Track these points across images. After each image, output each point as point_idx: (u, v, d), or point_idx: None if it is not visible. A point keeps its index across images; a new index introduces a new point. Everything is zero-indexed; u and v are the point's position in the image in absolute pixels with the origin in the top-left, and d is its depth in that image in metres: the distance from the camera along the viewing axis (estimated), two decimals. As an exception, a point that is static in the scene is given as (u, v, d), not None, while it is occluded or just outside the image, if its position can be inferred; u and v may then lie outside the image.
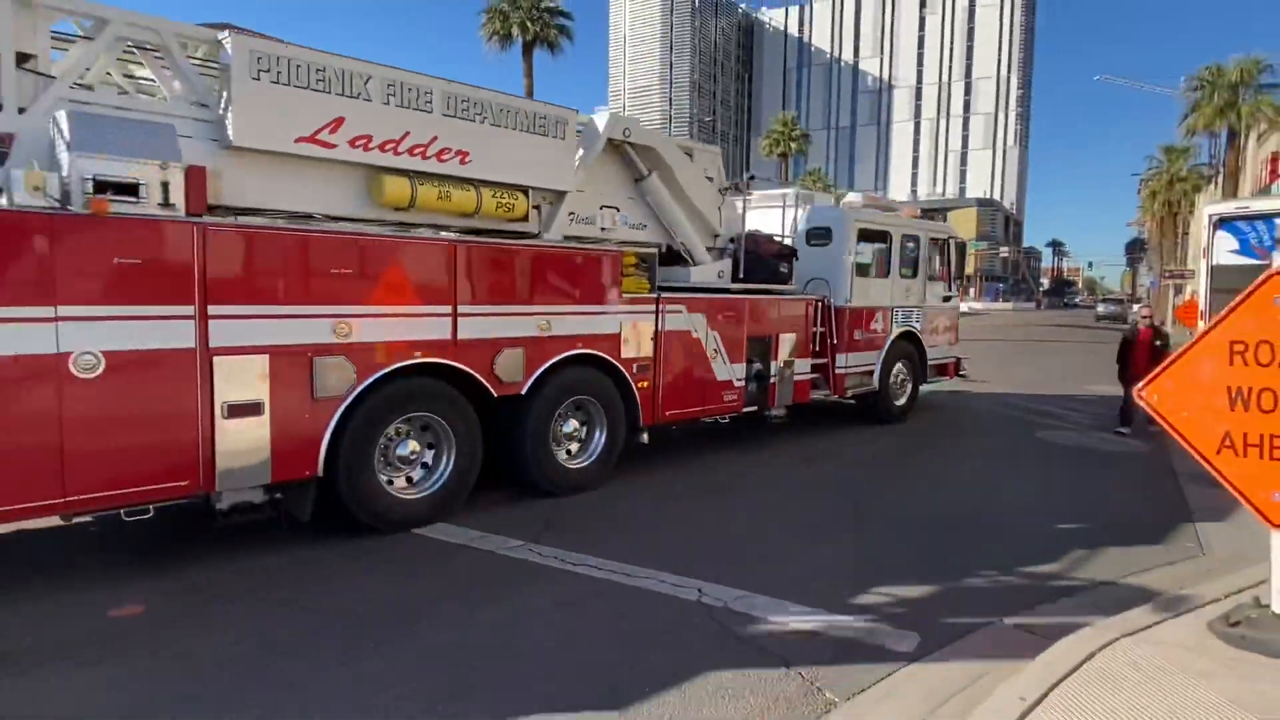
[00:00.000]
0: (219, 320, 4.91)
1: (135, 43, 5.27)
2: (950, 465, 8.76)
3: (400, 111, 5.81)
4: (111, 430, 4.57)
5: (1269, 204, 11.21)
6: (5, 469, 4.25)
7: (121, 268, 4.54)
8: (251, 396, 5.04)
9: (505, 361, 6.39)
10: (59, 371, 4.35)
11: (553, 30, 37.04)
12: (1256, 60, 30.24)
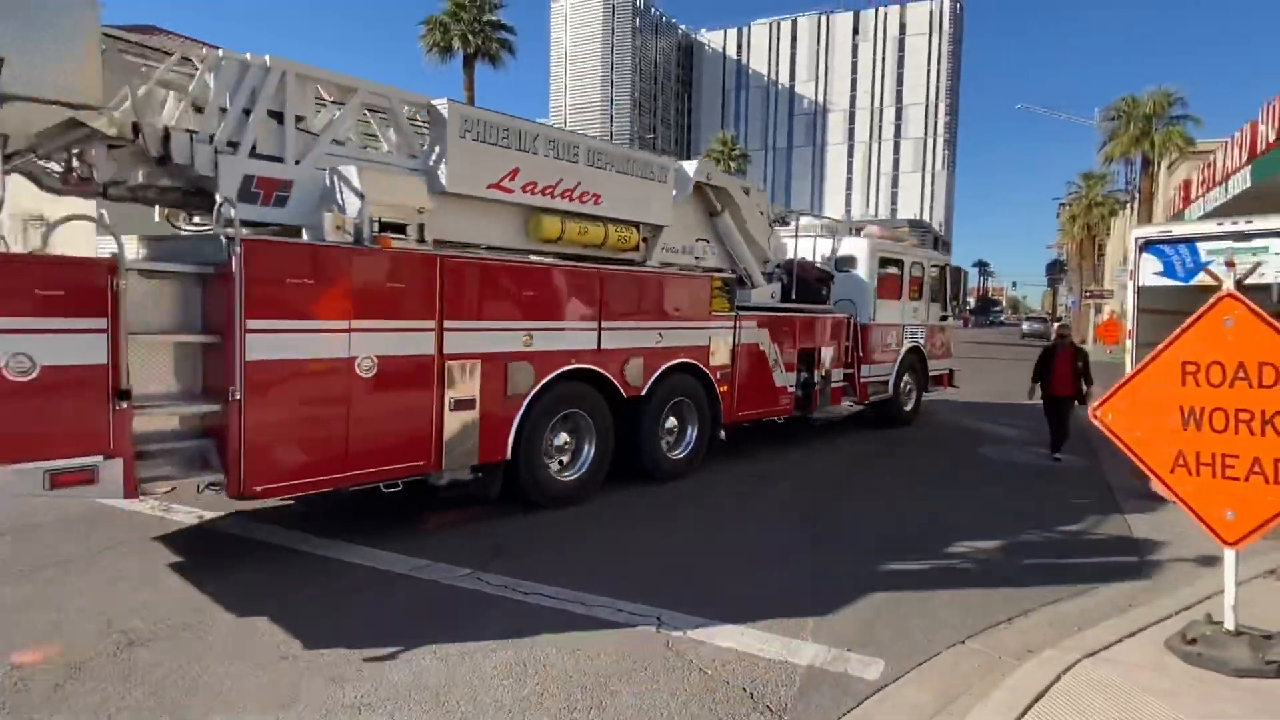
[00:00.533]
0: (450, 332, 6.09)
1: (369, 106, 6.46)
2: (898, 482, 8.79)
3: (556, 163, 7.11)
4: (379, 420, 5.70)
5: (1191, 229, 11.69)
6: (311, 449, 5.36)
7: (390, 290, 5.71)
8: (468, 394, 6.24)
9: (632, 368, 7.68)
10: (349, 372, 5.49)
11: (495, 44, 36.70)
12: (1168, 93, 32.12)
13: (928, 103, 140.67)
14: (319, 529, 6.26)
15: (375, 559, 5.62)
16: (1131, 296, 12.68)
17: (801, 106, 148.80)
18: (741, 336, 9.08)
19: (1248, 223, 11.18)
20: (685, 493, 7.84)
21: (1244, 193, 16.08)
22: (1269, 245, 11.03)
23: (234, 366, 4.93)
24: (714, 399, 8.73)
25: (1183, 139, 31.68)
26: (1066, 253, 65.67)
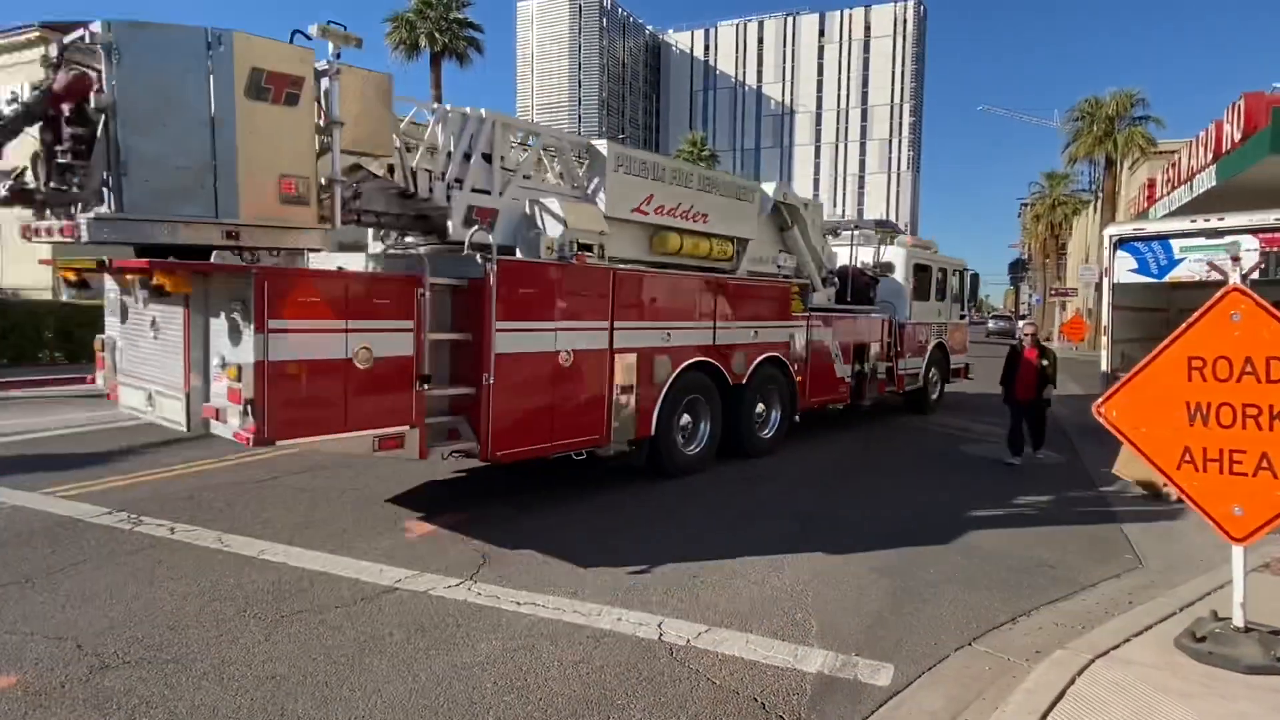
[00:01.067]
0: (618, 331, 7.48)
1: (546, 146, 7.79)
2: (885, 482, 8.74)
3: (678, 189, 8.50)
4: (572, 400, 7.08)
5: (1164, 226, 11.88)
6: (533, 422, 6.74)
7: (582, 297, 7.13)
8: (628, 381, 7.61)
9: (737, 360, 9.07)
10: (555, 362, 6.88)
11: (462, 42, 36.33)
12: (1130, 94, 32.76)
13: (892, 104, 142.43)
14: (302, 540, 6.01)
15: (360, 571, 5.39)
16: (1106, 293, 12.87)
17: (769, 108, 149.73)
18: (811, 334, 10.62)
19: (1220, 220, 11.38)
20: (679, 493, 7.69)
21: (1209, 191, 16.41)
22: (1240, 241, 11.22)
23: (487, 357, 6.30)
24: (792, 387, 10.19)
25: (1145, 139, 32.35)
26: (1030, 251, 66.87)
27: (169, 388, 5.79)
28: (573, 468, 8.64)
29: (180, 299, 5.47)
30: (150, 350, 6.07)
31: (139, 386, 6.22)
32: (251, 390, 5.10)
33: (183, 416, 5.66)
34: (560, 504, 7.24)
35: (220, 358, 5.37)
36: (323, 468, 8.41)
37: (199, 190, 5.17)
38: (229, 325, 5.29)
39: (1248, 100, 14.22)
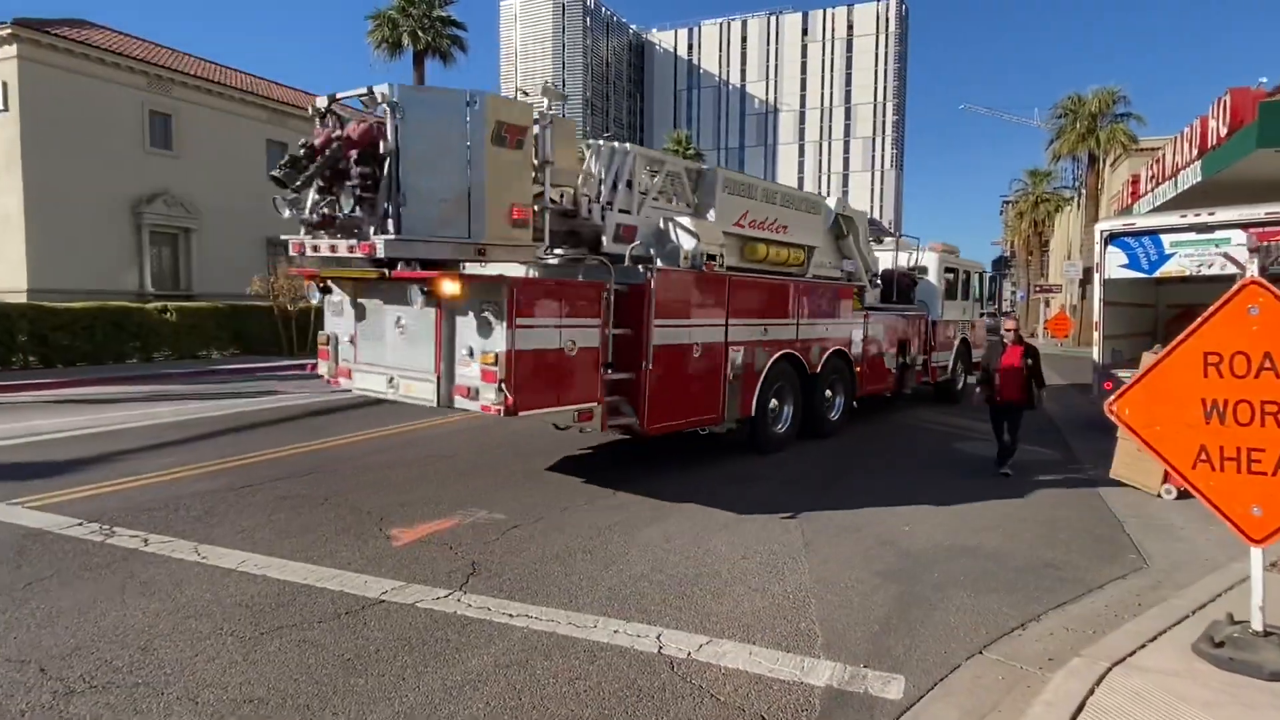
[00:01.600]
0: (731, 327, 8.86)
1: (668, 171, 8.91)
2: (880, 482, 8.59)
3: (766, 205, 9.82)
4: (700, 385, 8.50)
5: (1155, 221, 11.80)
6: (675, 401, 8.14)
7: (708, 299, 8.52)
8: (737, 370, 8.94)
9: (814, 352, 10.49)
10: (690, 353, 8.28)
11: (445, 40, 35.91)
12: (1112, 91, 32.92)
13: (876, 102, 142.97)
14: (283, 551, 5.76)
15: (344, 582, 5.16)
16: (1098, 289, 12.80)
17: (753, 106, 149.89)
18: (868, 330, 12.00)
19: (1210, 214, 11.32)
20: (672, 492, 7.50)
21: (1194, 187, 16.40)
22: (1230, 236, 11.18)
23: (646, 348, 7.70)
24: (853, 377, 11.62)
25: (1126, 136, 32.52)
26: (1013, 248, 67.24)
27: (418, 372, 7.20)
28: (569, 471, 8.46)
29: (436, 301, 6.80)
30: (395, 343, 7.44)
31: (379, 372, 7.60)
32: (504, 372, 6.53)
33: (433, 394, 7.08)
34: (547, 508, 7.03)
35: (469, 348, 6.81)
36: (303, 474, 8.16)
37: (458, 217, 6.61)
38: (479, 322, 6.69)
39: (1234, 96, 14.21)
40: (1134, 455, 8.06)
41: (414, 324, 7.22)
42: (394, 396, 7.56)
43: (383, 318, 7.55)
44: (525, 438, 10.57)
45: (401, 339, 7.38)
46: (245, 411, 12.68)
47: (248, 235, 31.20)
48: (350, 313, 7.90)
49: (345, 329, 8.01)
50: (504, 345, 6.52)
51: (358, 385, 7.96)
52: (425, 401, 7.21)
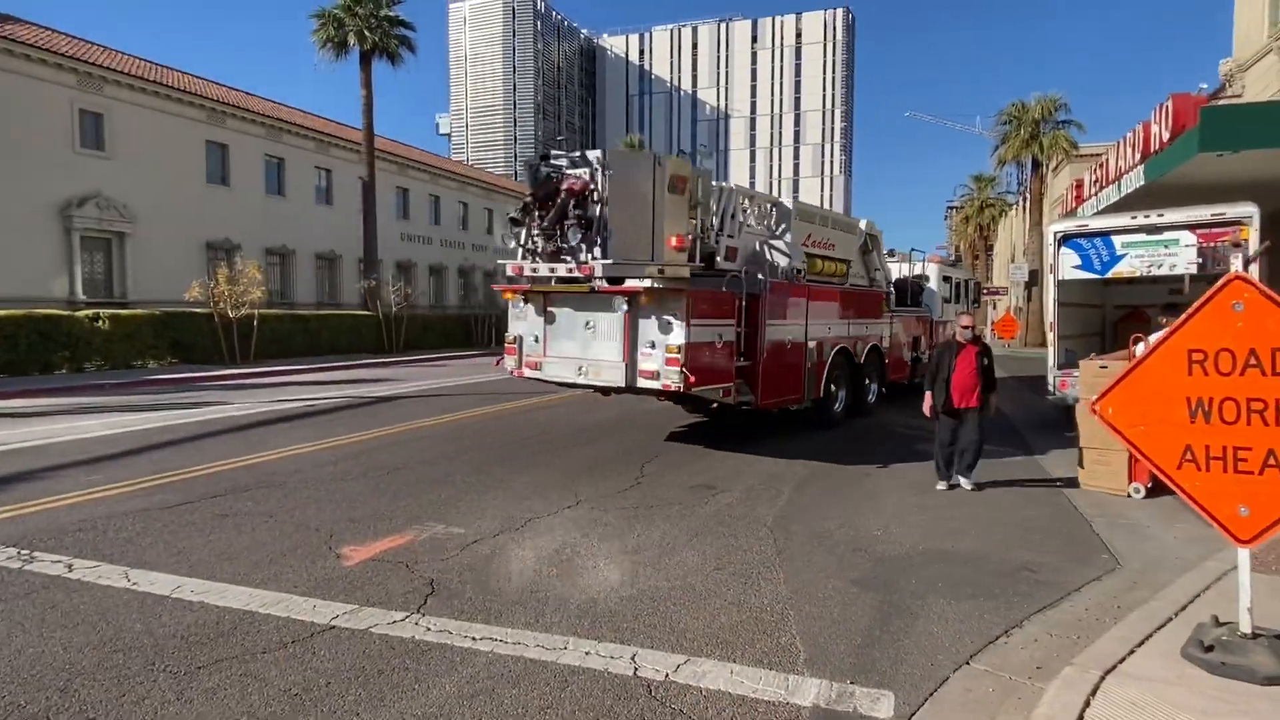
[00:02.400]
0: (810, 326, 11.26)
1: (758, 204, 11.52)
2: (847, 485, 8.47)
3: (822, 227, 12.32)
4: (792, 371, 10.97)
5: (1106, 222, 11.99)
6: (779, 384, 10.54)
7: (795, 305, 10.92)
8: (814, 360, 11.35)
9: (859, 346, 12.97)
10: (786, 346, 10.71)
11: (393, 40, 35.09)
12: (1054, 99, 33.86)
13: (824, 110, 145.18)
14: (223, 574, 5.34)
15: (290, 608, 4.77)
16: (1052, 290, 12.98)
17: (704, 112, 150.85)
18: (893, 329, 14.68)
19: (1159, 216, 11.55)
20: (634, 503, 7.25)
21: (1136, 191, 16.82)
22: (1179, 237, 11.42)
23: (761, 343, 10.10)
24: (883, 367, 14.32)
25: (1068, 142, 33.46)
26: (959, 252, 68.76)
27: (607, 361, 9.33)
28: (531, 479, 8.17)
29: (626, 305, 9.10)
30: (585, 340, 9.55)
31: (569, 362, 9.69)
32: (684, 359, 8.73)
33: (621, 377, 9.19)
34: (509, 520, 6.71)
35: (650, 342, 9.00)
36: (245, 490, 7.69)
37: (644, 246, 8.98)
38: (660, 323, 8.93)
39: (1175, 101, 14.56)
40: (1098, 456, 8.09)
41: (603, 325, 9.40)
42: (583, 381, 9.72)
43: (574, 321, 9.70)
44: (480, 446, 10.23)
45: (591, 337, 9.52)
46: (182, 423, 12.04)
47: (186, 239, 30.03)
48: (538, 319, 9.96)
49: (531, 331, 10.10)
50: (683, 339, 8.81)
51: (547, 374, 10.06)
52: (613, 383, 9.41)
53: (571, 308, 9.68)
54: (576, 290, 9.45)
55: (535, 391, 16.98)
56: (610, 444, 10.62)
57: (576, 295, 9.56)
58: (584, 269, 8.91)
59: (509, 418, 13.13)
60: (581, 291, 9.40)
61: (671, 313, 8.85)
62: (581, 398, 15.76)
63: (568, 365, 9.71)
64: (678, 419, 12.72)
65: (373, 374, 22.59)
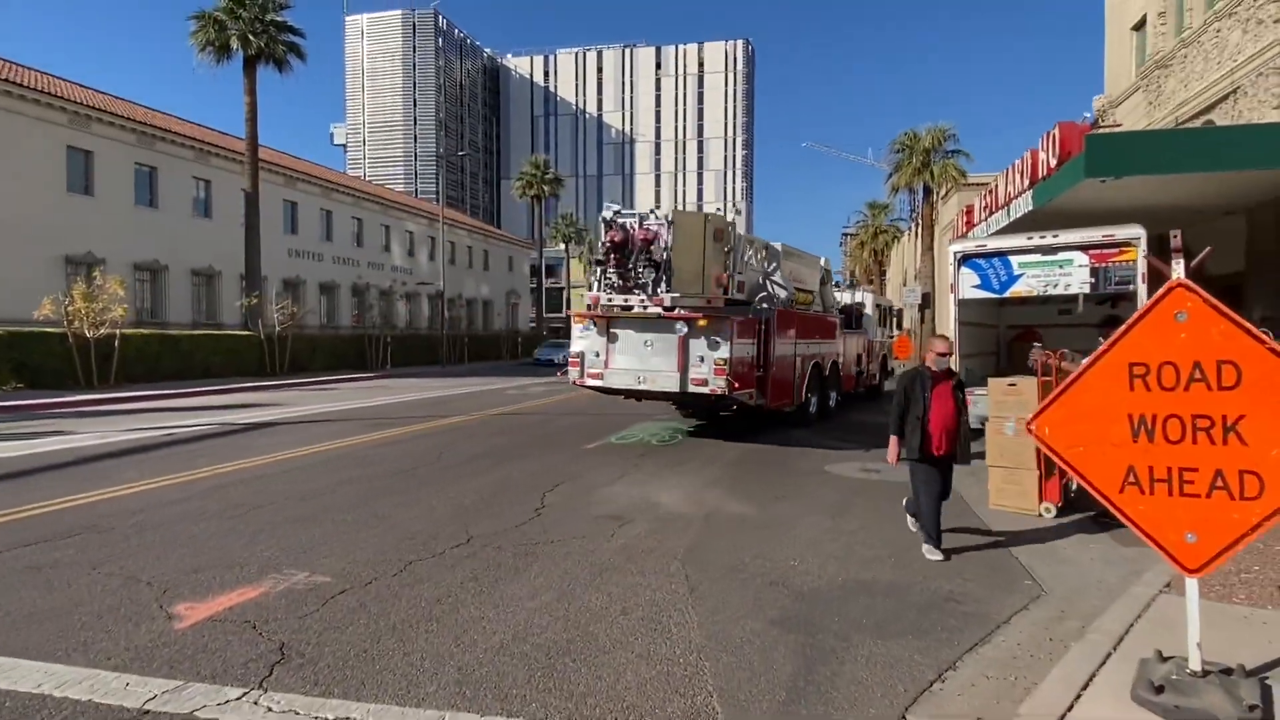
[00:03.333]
0: (797, 344, 14.09)
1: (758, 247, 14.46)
2: (759, 508, 8.03)
3: (797, 265, 15.75)
4: (789, 380, 13.78)
5: (1003, 242, 12.19)
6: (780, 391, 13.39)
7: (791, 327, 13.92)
8: (800, 373, 14.14)
9: (825, 361, 15.72)
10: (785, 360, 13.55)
11: (280, 46, 33.30)
12: (944, 129, 35.44)
13: (726, 137, 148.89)
14: (20, 642, 4.30)
15: (94, 687, 3.83)
16: (953, 309, 13.13)
17: (610, 135, 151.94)
18: (845, 348, 17.61)
19: (1054, 237, 11.82)
20: (533, 537, 6.54)
21: (1025, 215, 17.48)
22: (1072, 258, 11.71)
23: (771, 357, 12.69)
24: (840, 380, 17.11)
25: (957, 171, 35.05)
26: (855, 277, 71.22)
27: (664, 372, 11.77)
28: (414, 514, 7.35)
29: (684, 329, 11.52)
30: (644, 355, 11.95)
31: (629, 373, 12.07)
32: (730, 370, 11.34)
33: (676, 384, 11.65)
34: (384, 565, 5.88)
35: (700, 357, 11.47)
36: (68, 535, 6.53)
37: (697, 283, 11.45)
38: (709, 342, 11.41)
39: (1062, 129, 15.15)
40: (1007, 476, 7.95)
41: (661, 343, 11.86)
42: (641, 387, 12.16)
43: (634, 340, 12.14)
44: (364, 477, 9.27)
45: (650, 353, 11.98)
46: (9, 458, 10.47)
47: (41, 253, 27.27)
48: (600, 339, 12.31)
49: (593, 348, 12.40)
50: (728, 354, 11.44)
51: (609, 383, 12.41)
52: (668, 389, 11.91)
53: (633, 329, 12.16)
54: (640, 316, 11.85)
55: (433, 415, 15.98)
56: (516, 468, 9.86)
57: (639, 319, 11.97)
58: (656, 300, 11.57)
59: (404, 443, 12.13)
60: (646, 317, 11.79)
61: (719, 334, 11.49)
62: (492, 419, 14.86)
63: (628, 375, 12.20)
64: (593, 437, 12.09)
65: (250, 398, 20.86)
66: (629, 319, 12.01)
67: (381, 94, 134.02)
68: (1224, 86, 19.24)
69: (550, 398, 21.12)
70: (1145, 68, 24.09)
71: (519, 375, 33.44)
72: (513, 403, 19.61)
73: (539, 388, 24.94)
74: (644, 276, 11.58)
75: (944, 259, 37.77)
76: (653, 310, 11.56)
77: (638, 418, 16.00)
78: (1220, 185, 15.48)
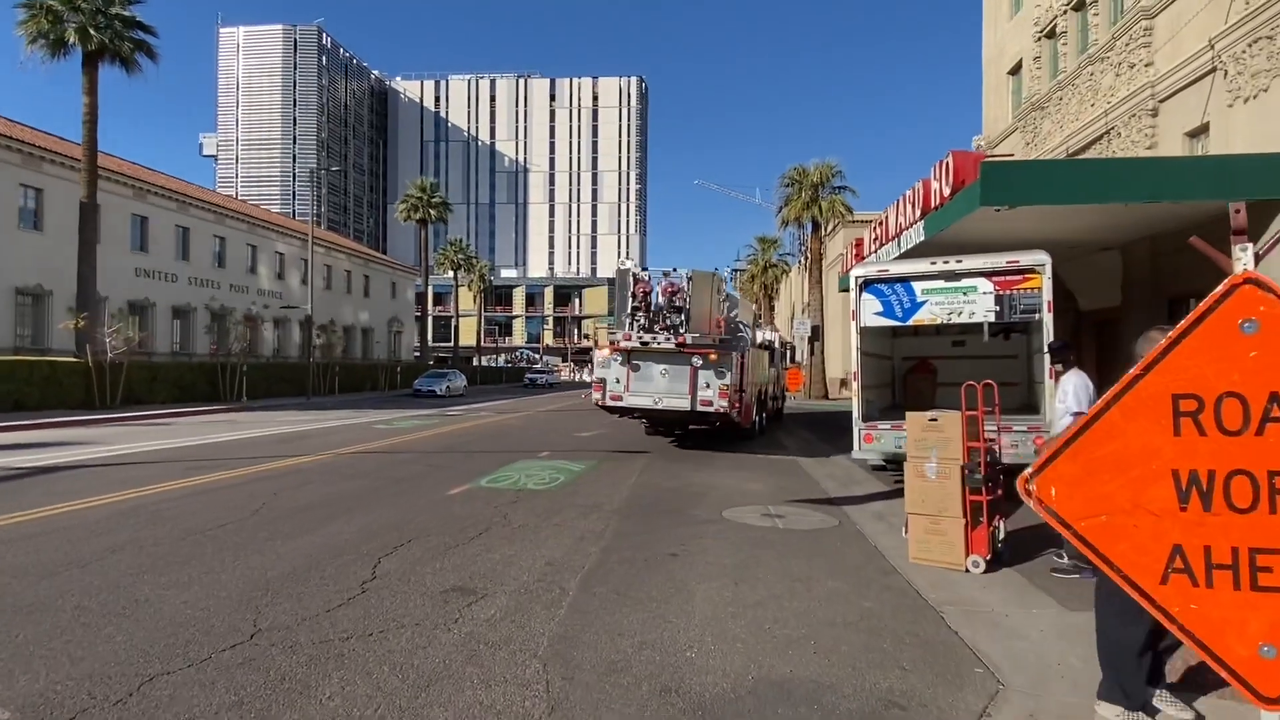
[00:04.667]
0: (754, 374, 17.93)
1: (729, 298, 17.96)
2: (646, 569, 6.64)
3: (744, 309, 19.54)
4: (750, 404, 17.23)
5: (906, 268, 11.47)
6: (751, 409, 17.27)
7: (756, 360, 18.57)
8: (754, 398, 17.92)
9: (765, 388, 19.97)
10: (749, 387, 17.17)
11: (126, 44, 30.03)
12: (831, 165, 35.96)
13: (620, 171, 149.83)
14: None
15: None
16: (854, 337, 12.32)
17: (503, 164, 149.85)
18: (775, 376, 21.78)
19: (958, 262, 11.18)
20: (349, 630, 4.87)
21: (916, 246, 17.24)
22: (976, 285, 11.08)
23: (746, 384, 16.36)
24: (767, 403, 19.95)
25: (844, 206, 35.56)
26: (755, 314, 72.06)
27: (676, 395, 15.14)
28: (187, 597, 5.51)
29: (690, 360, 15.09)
30: (659, 381, 15.36)
31: (647, 396, 15.42)
32: (732, 393, 15.11)
33: (688, 405, 15.02)
34: (114, 681, 4.08)
35: (706, 383, 15.00)
36: None
37: (707, 326, 15.27)
38: (715, 371, 15.05)
39: (956, 158, 14.85)
40: (930, 525, 6.91)
41: (675, 372, 15.22)
42: (657, 407, 15.45)
43: (652, 369, 15.41)
44: (142, 540, 7.27)
45: (664, 379, 15.29)
46: None
47: None
48: (622, 368, 15.50)
49: (614, 375, 15.56)
50: (728, 381, 14.90)
51: (628, 403, 15.53)
52: (681, 408, 15.16)
53: (653, 361, 15.33)
54: (660, 349, 15.02)
55: (274, 455, 13.75)
56: (352, 523, 8.06)
57: (658, 352, 15.12)
58: (679, 339, 14.69)
59: (219, 491, 10.02)
60: (665, 350, 14.98)
61: (723, 365, 15.01)
62: (344, 460, 12.84)
63: (646, 398, 15.37)
64: (459, 479, 10.36)
65: (62, 435, 17.78)
66: (649, 352, 15.23)
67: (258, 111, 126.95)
68: (1098, 127, 19.84)
69: (421, 433, 19.11)
70: (1022, 110, 24.91)
71: (394, 407, 30.95)
72: (377, 438, 17.51)
73: (410, 421, 22.78)
74: (671, 319, 14.90)
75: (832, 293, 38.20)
76: (673, 345, 14.74)
77: (519, 455, 14.35)
78: (1105, 217, 15.62)
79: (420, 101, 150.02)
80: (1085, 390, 6.86)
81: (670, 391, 15.10)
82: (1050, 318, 10.22)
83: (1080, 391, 6.83)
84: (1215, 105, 15.45)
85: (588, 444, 16.91)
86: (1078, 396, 6.81)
